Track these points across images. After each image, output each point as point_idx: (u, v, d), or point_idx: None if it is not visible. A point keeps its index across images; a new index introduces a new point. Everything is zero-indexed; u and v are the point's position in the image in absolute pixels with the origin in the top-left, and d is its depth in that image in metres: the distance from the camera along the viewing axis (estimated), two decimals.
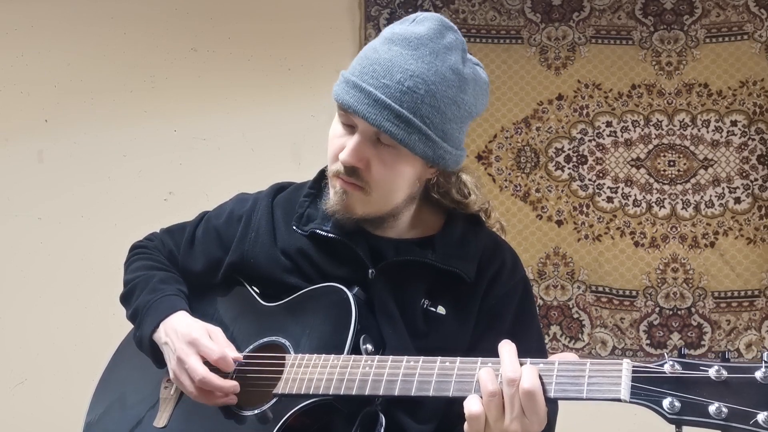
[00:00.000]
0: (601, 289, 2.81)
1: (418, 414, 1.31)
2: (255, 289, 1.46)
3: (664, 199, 2.82)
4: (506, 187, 2.88)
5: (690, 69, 2.86)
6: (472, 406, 1.07)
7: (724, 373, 0.95)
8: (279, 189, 1.53)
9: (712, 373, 0.96)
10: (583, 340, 2.79)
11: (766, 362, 0.94)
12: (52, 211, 2.95)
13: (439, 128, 1.26)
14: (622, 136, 2.86)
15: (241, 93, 3.00)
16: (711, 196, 2.80)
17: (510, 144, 2.90)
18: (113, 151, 2.98)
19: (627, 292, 2.80)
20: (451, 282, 1.35)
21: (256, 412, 1.26)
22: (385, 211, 1.35)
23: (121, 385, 1.53)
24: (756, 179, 2.79)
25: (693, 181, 2.82)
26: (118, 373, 1.56)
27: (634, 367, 1.00)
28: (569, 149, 2.88)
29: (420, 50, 1.25)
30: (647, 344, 2.77)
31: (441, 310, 1.35)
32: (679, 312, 2.77)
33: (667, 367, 0.98)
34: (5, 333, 2.90)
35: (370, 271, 1.35)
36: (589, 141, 2.87)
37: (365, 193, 1.30)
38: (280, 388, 1.23)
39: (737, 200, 2.79)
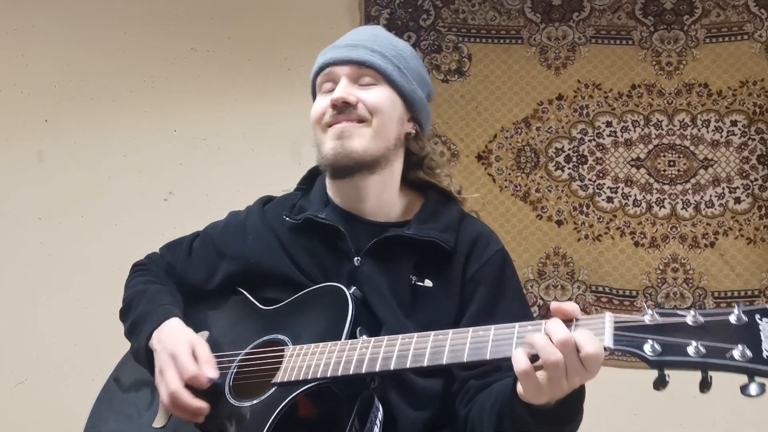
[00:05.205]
0: (601, 289, 2.81)
1: (414, 401, 1.35)
2: (252, 297, 1.50)
3: (664, 199, 2.82)
4: (506, 187, 2.88)
5: (690, 69, 2.86)
6: (520, 361, 1.07)
7: (700, 318, 1.01)
8: (267, 200, 1.62)
9: (689, 318, 1.01)
10: None
11: (738, 307, 1.00)
12: (52, 211, 2.95)
13: (408, 68, 1.48)
14: (622, 136, 2.86)
15: (241, 93, 3.00)
16: (711, 196, 2.80)
17: (510, 144, 2.90)
18: (113, 151, 2.98)
19: (627, 292, 2.80)
20: (434, 255, 1.42)
21: (254, 402, 1.28)
22: (380, 151, 1.43)
23: (123, 392, 1.56)
24: (756, 179, 2.79)
25: (693, 181, 2.81)
26: (120, 383, 1.59)
27: (615, 318, 1.07)
28: (569, 149, 2.88)
29: (380, 31, 1.55)
30: None
31: (428, 283, 1.41)
32: None
33: (646, 318, 1.04)
34: (5, 333, 2.89)
35: (356, 259, 1.42)
36: (589, 141, 2.87)
37: (367, 124, 1.42)
38: (279, 377, 1.27)
39: (737, 200, 2.79)
